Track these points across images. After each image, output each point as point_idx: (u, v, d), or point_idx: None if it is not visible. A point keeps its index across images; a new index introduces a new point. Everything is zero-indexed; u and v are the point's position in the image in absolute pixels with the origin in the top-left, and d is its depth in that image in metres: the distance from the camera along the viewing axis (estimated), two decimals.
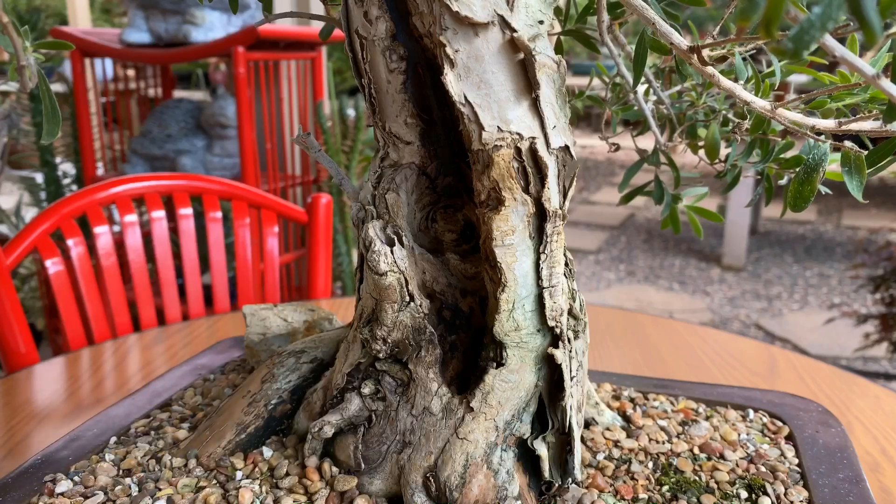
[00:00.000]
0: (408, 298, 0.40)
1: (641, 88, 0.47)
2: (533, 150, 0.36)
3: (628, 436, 0.47)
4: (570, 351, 0.41)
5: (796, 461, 0.46)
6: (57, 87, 2.26)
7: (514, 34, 0.35)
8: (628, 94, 0.49)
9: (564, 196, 0.39)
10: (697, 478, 0.43)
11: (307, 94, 2.00)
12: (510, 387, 0.40)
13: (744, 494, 0.42)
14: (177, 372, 0.61)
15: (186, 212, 1.10)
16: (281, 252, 1.86)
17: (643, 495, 0.42)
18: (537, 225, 0.38)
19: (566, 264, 0.41)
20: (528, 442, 0.41)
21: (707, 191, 0.50)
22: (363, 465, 0.41)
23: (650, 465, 0.45)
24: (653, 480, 0.43)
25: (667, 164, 0.48)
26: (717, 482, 0.43)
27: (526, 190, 0.37)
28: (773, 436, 0.49)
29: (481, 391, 0.39)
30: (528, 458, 0.41)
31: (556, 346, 0.40)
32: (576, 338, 0.42)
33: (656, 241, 3.84)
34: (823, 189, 0.37)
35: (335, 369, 0.45)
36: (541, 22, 0.37)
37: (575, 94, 0.51)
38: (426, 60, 0.40)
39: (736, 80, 0.39)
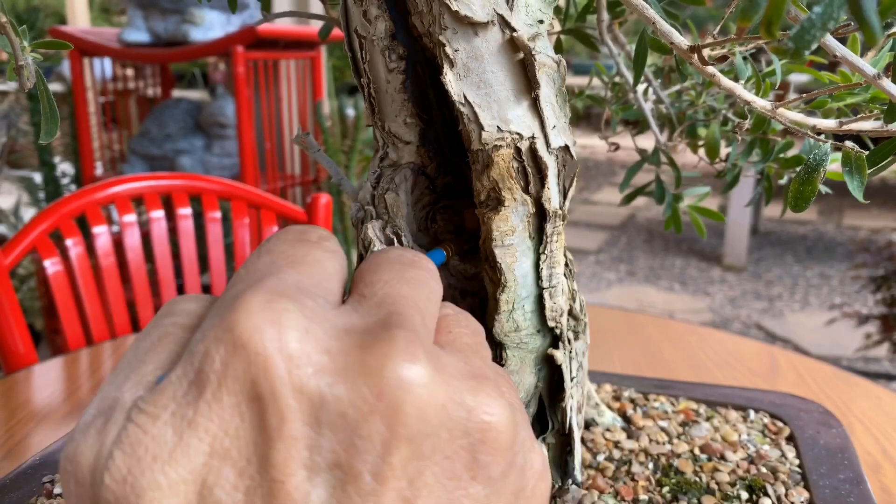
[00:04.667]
0: None
1: (641, 88, 0.47)
2: (533, 150, 0.36)
3: (629, 437, 0.47)
4: (571, 352, 0.41)
5: (797, 462, 0.45)
6: (55, 87, 2.26)
7: (514, 34, 0.35)
8: (628, 93, 0.48)
9: (565, 196, 0.38)
10: (698, 479, 0.43)
11: (306, 94, 2.00)
12: None
13: (744, 495, 0.42)
14: None
15: (185, 212, 1.10)
16: None
17: (644, 496, 0.41)
18: (537, 225, 0.38)
19: (566, 265, 0.41)
20: None
21: (709, 190, 0.49)
22: None
23: (651, 466, 0.45)
24: (653, 481, 0.43)
25: (667, 163, 0.48)
26: (717, 483, 0.43)
27: (526, 190, 0.37)
28: (773, 436, 0.49)
29: None
30: None
31: (557, 347, 0.40)
32: (576, 338, 0.42)
33: (657, 242, 3.84)
34: (824, 189, 0.37)
35: None
36: (541, 21, 0.37)
37: (575, 94, 0.51)
38: (426, 60, 0.39)
39: (736, 80, 0.38)
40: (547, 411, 0.41)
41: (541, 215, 0.38)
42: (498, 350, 0.40)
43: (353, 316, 0.19)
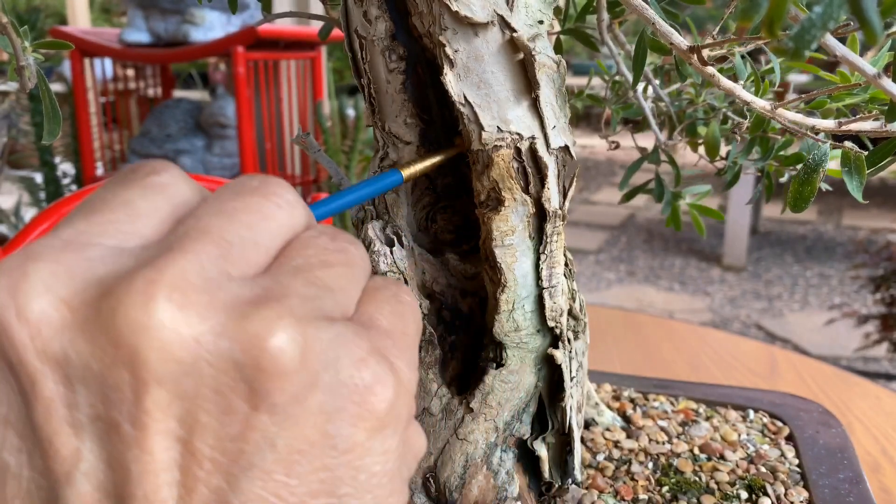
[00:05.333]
0: None
1: (640, 86, 0.47)
2: (533, 150, 0.36)
3: (628, 436, 0.47)
4: (570, 351, 0.41)
5: (797, 462, 0.46)
6: (56, 87, 2.26)
7: (514, 34, 0.35)
8: (628, 92, 0.49)
9: (564, 196, 0.39)
10: (697, 478, 0.43)
11: (307, 94, 2.00)
12: (510, 387, 0.40)
13: (744, 495, 0.42)
14: None
15: None
16: None
17: (643, 496, 0.42)
18: (537, 225, 0.38)
19: (566, 264, 0.41)
20: (528, 443, 0.41)
21: (710, 189, 0.49)
22: None
23: (650, 465, 0.45)
24: (653, 481, 0.43)
25: (667, 162, 0.48)
26: (717, 483, 0.43)
27: (526, 190, 0.37)
28: (773, 436, 0.49)
29: (481, 392, 0.39)
30: (527, 459, 0.41)
31: (556, 347, 0.40)
32: (576, 338, 0.42)
33: (657, 242, 3.84)
34: (824, 186, 0.37)
35: None
36: (541, 22, 0.37)
37: (575, 94, 0.51)
38: (426, 60, 0.39)
39: (736, 80, 0.39)
40: (547, 411, 0.42)
41: (541, 215, 0.38)
42: (498, 350, 0.40)
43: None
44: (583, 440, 0.46)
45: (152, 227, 0.20)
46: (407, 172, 0.36)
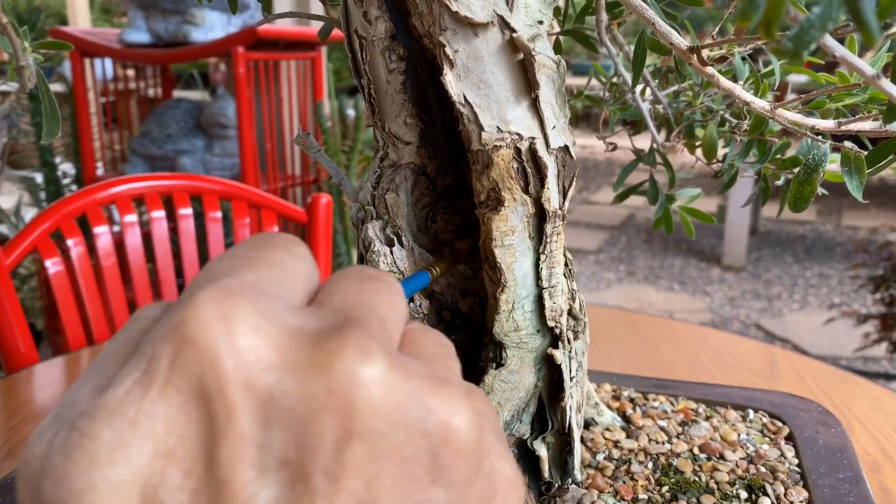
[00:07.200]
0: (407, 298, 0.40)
1: (638, 88, 0.47)
2: (532, 151, 0.36)
3: (628, 436, 0.47)
4: (570, 351, 0.41)
5: (796, 461, 0.46)
6: (56, 87, 2.26)
7: (514, 34, 0.35)
8: (626, 93, 0.49)
9: (564, 196, 0.39)
10: (697, 478, 0.43)
11: (307, 94, 2.00)
12: (510, 387, 0.40)
13: (743, 495, 0.42)
14: None
15: (186, 212, 1.10)
16: None
17: (643, 496, 0.42)
18: (537, 225, 0.38)
19: (566, 264, 0.41)
20: (528, 442, 0.41)
21: (700, 192, 0.50)
22: None
23: (650, 465, 0.45)
24: (653, 481, 0.43)
25: (662, 164, 0.48)
26: (716, 482, 0.43)
27: (525, 190, 0.37)
28: (773, 436, 0.49)
29: None
30: (527, 459, 0.41)
31: (556, 347, 0.40)
32: (575, 338, 0.42)
33: (656, 242, 3.84)
34: (821, 190, 0.37)
35: None
36: (540, 22, 0.37)
37: (574, 94, 0.51)
38: (426, 60, 0.40)
39: (735, 81, 0.39)
40: (546, 411, 0.42)
41: (540, 215, 0.38)
42: (498, 350, 0.40)
43: (309, 318, 0.19)
44: (583, 440, 0.47)
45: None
46: (435, 273, 0.37)
